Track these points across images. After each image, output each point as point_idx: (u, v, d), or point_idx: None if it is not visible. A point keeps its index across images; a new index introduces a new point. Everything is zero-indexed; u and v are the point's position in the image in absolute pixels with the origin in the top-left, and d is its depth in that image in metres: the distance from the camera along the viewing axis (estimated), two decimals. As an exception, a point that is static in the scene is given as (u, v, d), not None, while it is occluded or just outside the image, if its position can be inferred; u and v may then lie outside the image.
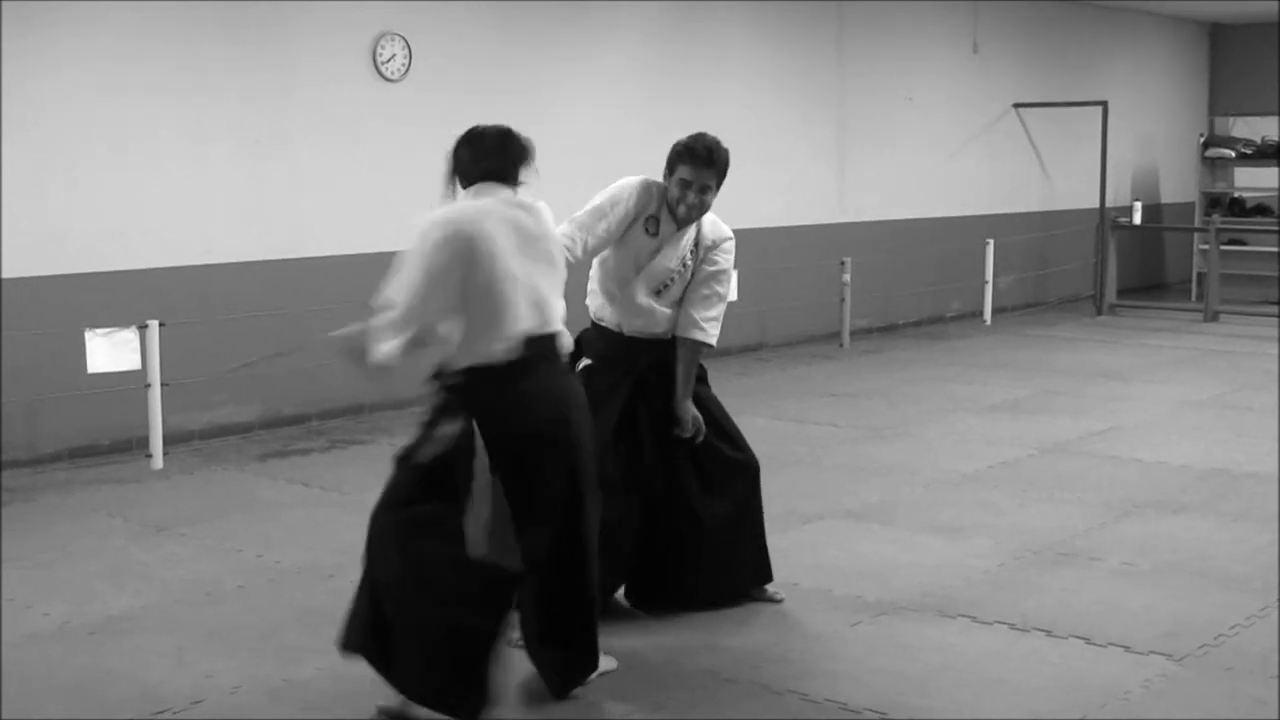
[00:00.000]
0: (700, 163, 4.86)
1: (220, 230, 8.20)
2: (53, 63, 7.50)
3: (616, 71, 10.39)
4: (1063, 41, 14.84)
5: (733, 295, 5.13)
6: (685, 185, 4.87)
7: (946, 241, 13.34)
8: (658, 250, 4.93)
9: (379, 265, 4.59)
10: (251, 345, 7.96)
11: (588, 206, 4.89)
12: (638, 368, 4.97)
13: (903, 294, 13.04)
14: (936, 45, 13.30)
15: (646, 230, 4.91)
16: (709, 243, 5.00)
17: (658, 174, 5.00)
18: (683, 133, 5.02)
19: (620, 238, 4.91)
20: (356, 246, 8.67)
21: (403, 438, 8.25)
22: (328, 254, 8.63)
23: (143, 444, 7.59)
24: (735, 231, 5.18)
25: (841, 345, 11.85)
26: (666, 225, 4.93)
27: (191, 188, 8.07)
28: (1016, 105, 14.14)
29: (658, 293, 4.96)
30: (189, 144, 8.05)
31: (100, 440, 7.78)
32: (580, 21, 10.08)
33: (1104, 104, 13.90)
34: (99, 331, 7.28)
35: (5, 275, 7.28)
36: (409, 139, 9.01)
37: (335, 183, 8.73)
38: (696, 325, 4.98)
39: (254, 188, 8.35)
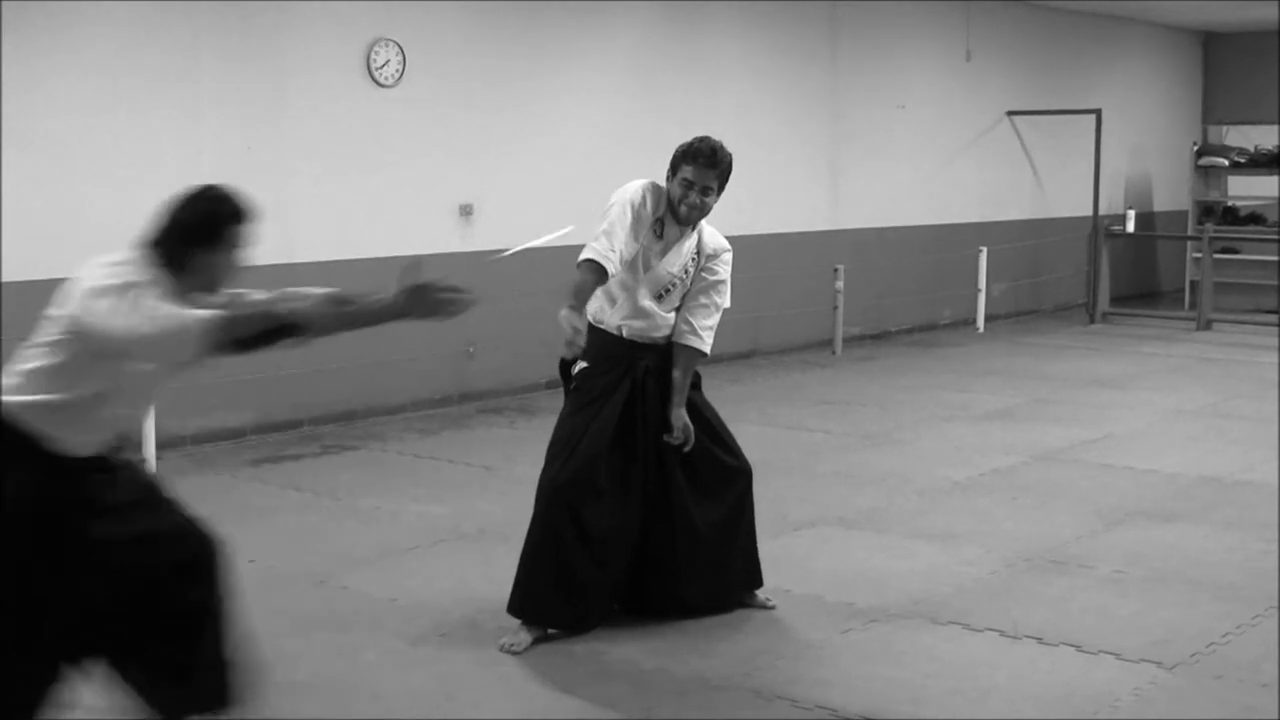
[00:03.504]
0: (703, 164, 4.88)
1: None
2: (49, 66, 7.49)
3: (611, 78, 10.40)
4: (1056, 50, 14.86)
5: (726, 303, 5.15)
6: (688, 186, 4.89)
7: (939, 249, 13.36)
8: (664, 253, 4.95)
9: (373, 270, 4.59)
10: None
11: (611, 215, 4.81)
12: (636, 371, 4.98)
13: (895, 301, 13.05)
14: (929, 53, 13.32)
15: (654, 232, 4.93)
16: (709, 252, 5.04)
17: (650, 177, 5.01)
18: (676, 138, 5.03)
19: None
20: (350, 251, 8.67)
21: (395, 443, 8.32)
22: (321, 259, 8.62)
23: (135, 448, 7.58)
24: (728, 238, 5.19)
25: (834, 352, 11.86)
26: (671, 228, 4.96)
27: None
28: (1010, 113, 14.17)
29: (659, 297, 4.98)
30: (183, 149, 8.04)
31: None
32: (575, 27, 10.09)
33: (1097, 112, 13.92)
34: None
35: (3, 279, 7.28)
36: (403, 144, 9.03)
37: (328, 188, 8.72)
38: (694, 333, 5.02)
39: (248, 192, 8.33)
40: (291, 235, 8.60)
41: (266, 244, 8.74)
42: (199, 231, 3.58)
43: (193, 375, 7.80)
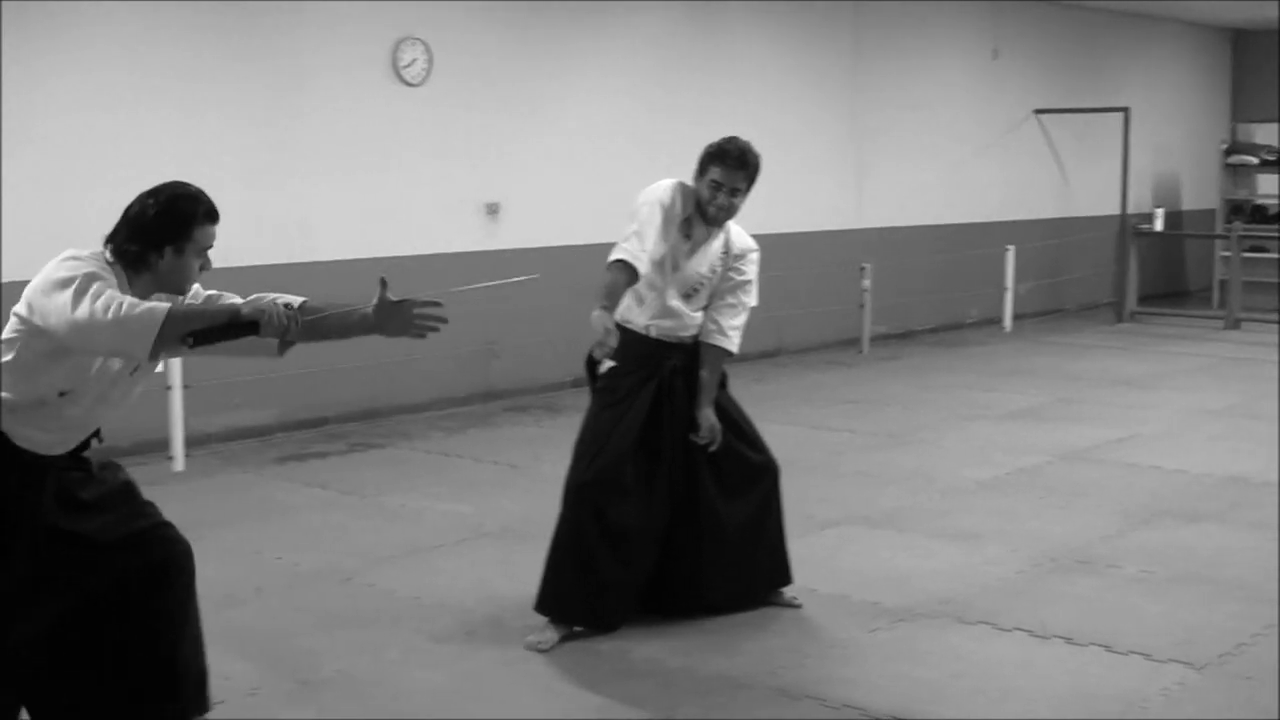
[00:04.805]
0: (732, 165, 4.87)
1: (237, 233, 8.19)
2: (49, 66, 7.49)
3: (635, 77, 10.40)
4: (1084, 47, 14.79)
5: (753, 302, 5.14)
6: (716, 187, 4.88)
7: (966, 248, 13.31)
8: (691, 253, 4.94)
9: (399, 268, 4.59)
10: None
11: (641, 215, 4.79)
12: (663, 370, 4.98)
13: (920, 300, 13.01)
14: (956, 50, 13.28)
15: (682, 232, 4.92)
16: (736, 252, 5.03)
17: (673, 176, 5.01)
18: (699, 137, 5.03)
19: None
20: (375, 250, 8.69)
21: (421, 440, 8.34)
22: (343, 258, 8.64)
23: (163, 446, 7.61)
24: (753, 237, 5.18)
25: (860, 351, 11.83)
26: (699, 228, 4.95)
27: (205, 190, 8.07)
28: (1037, 111, 14.11)
29: (687, 297, 4.98)
30: (202, 146, 8.05)
31: (121, 441, 7.78)
32: (599, 26, 10.09)
33: (1125, 110, 13.85)
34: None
35: (3, 279, 7.20)
36: (429, 142, 9.04)
37: (353, 186, 8.74)
38: (721, 332, 5.01)
39: (270, 190, 8.37)
40: (313, 234, 8.62)
41: (291, 242, 8.85)
42: (163, 231, 3.46)
43: (218, 373, 7.87)
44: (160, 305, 3.32)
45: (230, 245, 8.45)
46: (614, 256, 4.70)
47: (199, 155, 8.02)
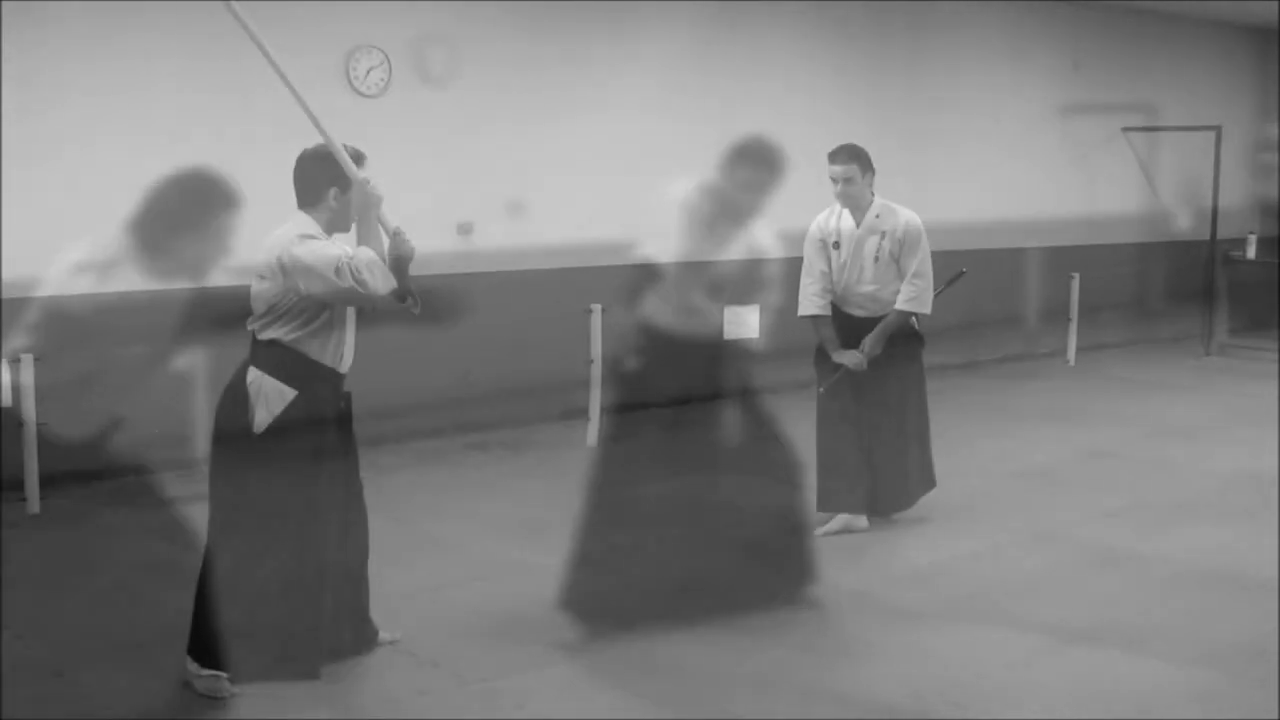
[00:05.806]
0: (759, 164, 5.07)
1: (250, 235, 8.18)
2: (49, 66, 7.46)
3: (648, 75, 10.35)
4: (1113, 48, 14.62)
5: (772, 302, 5.21)
6: (743, 186, 5.02)
7: (985, 255, 13.10)
8: (717, 251, 5.08)
9: (418, 265, 4.58)
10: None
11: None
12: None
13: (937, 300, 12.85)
14: (977, 54, 13.19)
15: (709, 232, 5.00)
16: (759, 254, 5.13)
17: (697, 175, 5.06)
18: (717, 140, 5.05)
19: None
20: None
21: (443, 439, 8.30)
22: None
23: (186, 445, 7.61)
24: (782, 240, 5.24)
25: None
26: (724, 227, 5.08)
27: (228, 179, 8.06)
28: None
29: (713, 294, 5.02)
30: (204, 146, 7.96)
31: (146, 440, 7.79)
32: (616, 25, 10.06)
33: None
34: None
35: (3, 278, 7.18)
36: (447, 140, 9.05)
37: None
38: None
39: (279, 190, 8.34)
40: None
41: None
42: (184, 215, 3.48)
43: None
44: (179, 295, 3.34)
45: (241, 246, 8.44)
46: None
47: (200, 156, 8.00)
